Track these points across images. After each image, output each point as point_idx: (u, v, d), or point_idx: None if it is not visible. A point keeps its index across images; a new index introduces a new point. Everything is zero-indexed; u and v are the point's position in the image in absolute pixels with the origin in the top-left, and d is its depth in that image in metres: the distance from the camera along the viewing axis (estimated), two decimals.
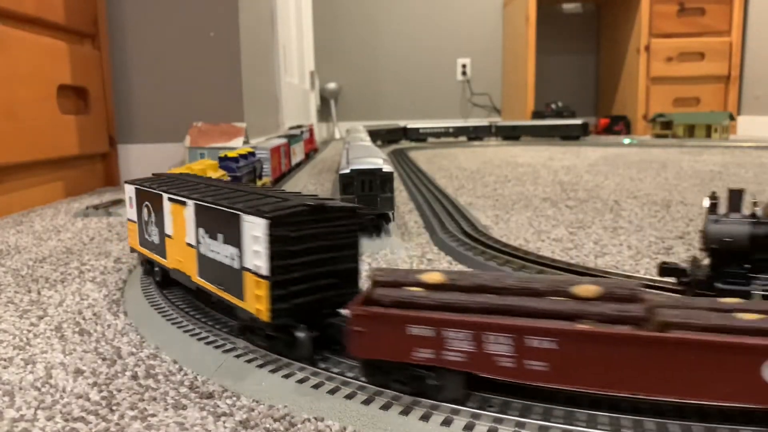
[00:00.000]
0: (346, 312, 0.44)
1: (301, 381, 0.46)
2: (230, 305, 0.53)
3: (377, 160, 0.96)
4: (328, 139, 4.06)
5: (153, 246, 0.68)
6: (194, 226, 0.58)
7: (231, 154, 1.13)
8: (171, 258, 0.64)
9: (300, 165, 2.10)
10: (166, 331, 0.58)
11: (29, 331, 0.61)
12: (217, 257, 0.54)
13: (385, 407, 0.42)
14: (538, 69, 3.72)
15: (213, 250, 0.54)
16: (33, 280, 0.80)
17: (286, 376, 0.47)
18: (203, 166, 0.92)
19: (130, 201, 0.73)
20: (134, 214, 0.72)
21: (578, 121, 3.21)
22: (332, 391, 0.44)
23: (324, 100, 4.21)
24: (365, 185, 0.92)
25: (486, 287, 0.42)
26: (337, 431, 0.41)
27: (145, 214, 0.69)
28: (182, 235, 0.60)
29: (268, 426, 0.41)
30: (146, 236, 0.70)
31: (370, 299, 0.44)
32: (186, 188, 0.63)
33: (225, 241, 0.52)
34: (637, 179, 1.62)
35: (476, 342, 0.40)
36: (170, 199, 0.62)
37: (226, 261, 0.52)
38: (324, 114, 4.26)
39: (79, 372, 0.51)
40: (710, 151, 2.44)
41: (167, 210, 0.63)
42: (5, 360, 0.54)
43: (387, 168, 0.93)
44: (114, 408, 0.45)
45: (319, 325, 0.49)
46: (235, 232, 0.50)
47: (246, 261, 0.49)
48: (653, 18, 3.49)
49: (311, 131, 2.64)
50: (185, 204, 0.59)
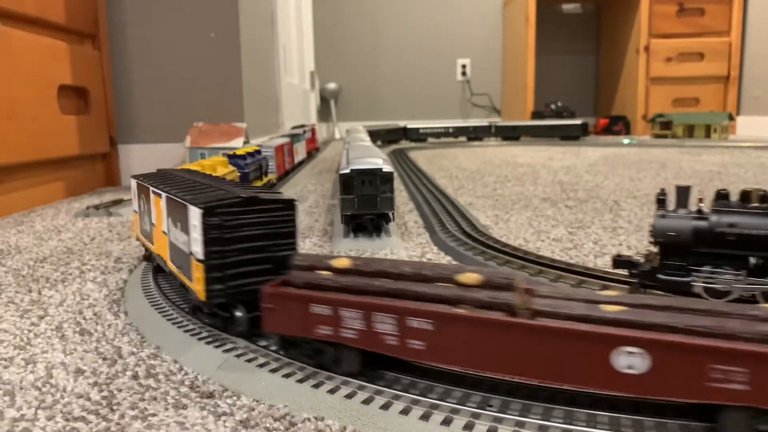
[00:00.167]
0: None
1: (301, 380, 0.46)
2: (186, 287, 0.59)
3: (377, 160, 0.96)
4: (328, 139, 4.06)
5: (146, 234, 0.74)
6: (166, 215, 0.63)
7: (239, 152, 1.21)
8: (155, 244, 0.70)
9: (302, 163, 2.15)
10: (167, 331, 0.58)
11: (30, 331, 0.61)
12: (178, 243, 0.59)
13: (385, 407, 0.42)
14: (537, 69, 3.72)
15: (176, 238, 0.60)
16: (34, 280, 0.80)
17: (287, 376, 0.47)
18: (213, 163, 0.98)
19: (133, 194, 0.80)
20: (136, 205, 0.79)
21: (578, 122, 3.21)
22: (332, 391, 0.44)
23: (324, 100, 4.21)
24: (365, 185, 0.93)
25: (384, 272, 0.46)
26: (337, 430, 0.41)
27: (142, 205, 0.75)
28: (160, 224, 0.66)
29: (268, 425, 0.42)
30: (143, 225, 0.76)
31: (287, 281, 0.49)
32: (168, 182, 0.68)
33: (181, 229, 0.58)
34: (637, 179, 1.62)
35: (366, 321, 0.44)
36: (153, 192, 0.68)
37: (182, 247, 0.58)
38: (324, 114, 4.26)
39: (79, 372, 0.51)
40: (710, 152, 2.44)
41: (152, 201, 0.69)
42: (6, 360, 0.54)
43: (387, 168, 0.93)
44: (114, 408, 0.45)
45: (257, 306, 0.52)
46: (185, 221, 0.56)
47: (190, 246, 0.55)
48: (653, 18, 3.49)
49: (313, 131, 2.70)
50: (161, 196, 0.65)
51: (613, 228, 1.02)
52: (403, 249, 0.91)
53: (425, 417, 0.41)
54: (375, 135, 3.03)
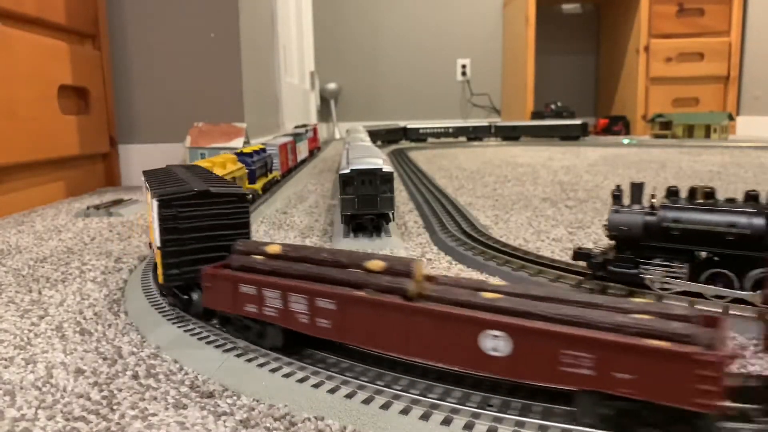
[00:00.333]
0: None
1: (301, 380, 0.46)
2: None
3: (377, 160, 0.96)
4: (328, 139, 4.06)
5: (149, 225, 0.77)
6: (152, 207, 0.68)
7: (246, 150, 1.29)
8: (150, 234, 0.74)
9: (305, 161, 2.20)
10: (167, 331, 0.58)
11: (30, 331, 0.61)
12: (156, 233, 0.63)
13: (385, 407, 0.42)
14: (537, 69, 3.72)
15: (155, 227, 0.64)
16: (34, 279, 0.80)
17: (287, 376, 0.47)
18: (224, 160, 1.05)
19: (144, 188, 0.83)
20: (147, 198, 0.84)
21: (578, 122, 3.21)
22: (332, 391, 0.45)
23: (324, 100, 4.21)
24: (365, 185, 0.93)
25: (307, 258, 0.51)
26: (337, 430, 0.41)
27: (148, 197, 0.79)
28: (151, 214, 0.69)
29: (268, 425, 0.42)
30: (148, 217, 0.80)
31: (227, 264, 0.54)
32: (157, 176, 0.72)
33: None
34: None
35: (284, 301, 0.49)
36: (144, 186, 0.73)
37: (158, 236, 0.62)
38: (324, 114, 4.26)
39: (79, 371, 0.51)
40: (709, 152, 2.44)
41: (149, 194, 0.72)
42: (6, 359, 0.54)
43: (387, 168, 0.93)
44: (115, 407, 0.45)
45: None
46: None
47: (155, 235, 0.60)
48: (652, 18, 3.49)
49: (315, 130, 2.76)
50: (149, 189, 0.69)
51: None
52: (403, 249, 0.91)
53: (425, 417, 0.41)
54: (375, 135, 3.03)
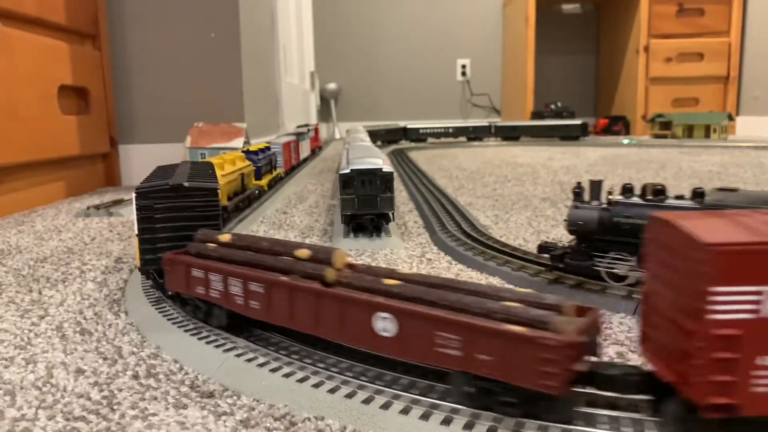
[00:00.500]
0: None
1: (301, 380, 0.46)
2: None
3: (377, 160, 0.96)
4: (328, 139, 4.06)
5: None
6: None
7: (252, 148, 1.37)
8: None
9: (306, 160, 2.26)
10: (167, 331, 0.59)
11: (30, 331, 0.61)
12: (134, 222, 0.68)
13: (385, 406, 0.42)
14: (537, 69, 3.72)
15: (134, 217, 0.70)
16: (34, 279, 0.80)
17: (287, 376, 0.47)
18: (233, 157, 1.12)
19: None
20: None
21: (577, 122, 3.21)
22: (332, 390, 0.45)
23: (324, 100, 4.21)
24: (365, 185, 0.93)
25: (250, 247, 0.56)
26: (337, 430, 0.41)
27: None
28: None
29: (268, 425, 0.42)
30: None
31: (187, 251, 0.59)
32: (158, 172, 0.76)
33: None
34: (636, 179, 1.62)
35: (225, 284, 0.53)
36: None
37: (136, 225, 0.67)
38: (324, 114, 4.27)
39: (80, 371, 0.51)
40: (709, 152, 2.44)
41: None
42: (6, 359, 0.54)
43: (387, 168, 0.93)
44: (115, 407, 0.45)
45: None
46: None
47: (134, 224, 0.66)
48: (652, 18, 3.49)
49: (316, 130, 2.83)
50: None
51: None
52: (403, 249, 0.91)
53: (425, 417, 0.41)
54: (375, 135, 3.03)
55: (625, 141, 3.02)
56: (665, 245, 0.37)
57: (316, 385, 0.45)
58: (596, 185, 0.68)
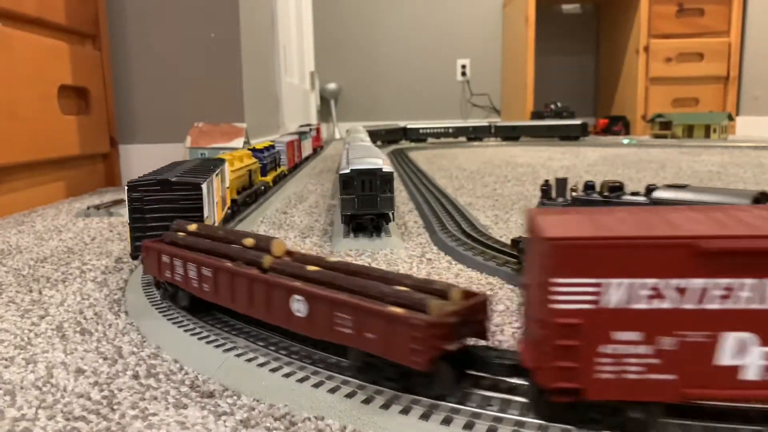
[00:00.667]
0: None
1: (301, 380, 0.46)
2: None
3: (377, 160, 0.96)
4: (329, 139, 4.06)
5: None
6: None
7: (258, 146, 1.44)
8: None
9: (308, 158, 2.33)
10: (167, 331, 0.59)
11: (30, 331, 0.61)
12: (126, 213, 0.75)
13: (385, 406, 0.42)
14: (537, 69, 3.72)
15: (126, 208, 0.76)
16: (34, 279, 0.80)
17: (287, 376, 0.47)
18: (241, 155, 1.20)
19: None
20: None
21: (577, 122, 3.21)
22: (332, 390, 0.45)
23: (324, 100, 4.21)
24: (365, 185, 0.93)
25: (210, 236, 0.61)
26: (337, 430, 0.41)
27: None
28: None
29: (268, 425, 0.42)
30: None
31: (163, 239, 0.65)
32: (158, 169, 0.82)
33: None
34: (636, 179, 1.63)
35: (185, 269, 0.59)
36: None
37: (127, 215, 0.73)
38: (324, 114, 4.27)
39: (80, 371, 0.51)
40: (709, 152, 2.44)
41: None
42: (7, 359, 0.54)
43: (387, 168, 0.93)
44: (115, 407, 0.45)
45: None
46: None
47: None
48: (652, 18, 3.49)
49: (318, 130, 2.90)
50: None
51: None
52: (403, 249, 0.91)
53: (425, 416, 0.41)
54: (375, 135, 3.03)
55: (625, 141, 3.02)
56: (531, 240, 0.39)
57: (316, 385, 0.45)
58: (562, 183, 0.71)
